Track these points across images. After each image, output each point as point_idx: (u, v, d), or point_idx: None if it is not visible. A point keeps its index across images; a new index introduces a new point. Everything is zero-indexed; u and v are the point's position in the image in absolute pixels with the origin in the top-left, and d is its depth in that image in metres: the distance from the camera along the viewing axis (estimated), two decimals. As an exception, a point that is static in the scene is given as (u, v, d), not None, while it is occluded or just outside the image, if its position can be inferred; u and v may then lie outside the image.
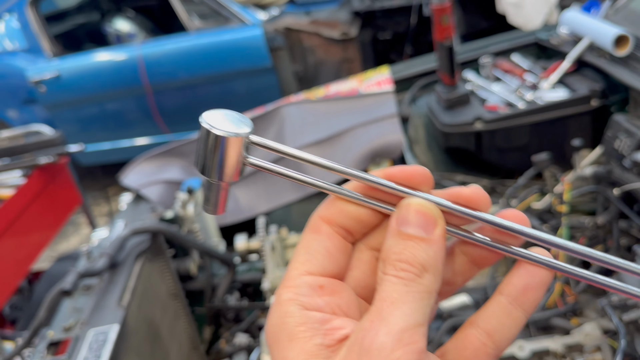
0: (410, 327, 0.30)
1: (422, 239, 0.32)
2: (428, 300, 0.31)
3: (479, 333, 0.35)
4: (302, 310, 0.33)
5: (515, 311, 0.35)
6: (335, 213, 0.36)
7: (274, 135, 1.95)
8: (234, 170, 0.34)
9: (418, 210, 0.33)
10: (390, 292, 0.31)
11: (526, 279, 0.34)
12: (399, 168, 0.35)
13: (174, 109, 3.64)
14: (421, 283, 0.31)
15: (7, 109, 3.87)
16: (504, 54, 1.96)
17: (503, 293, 0.35)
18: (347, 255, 0.36)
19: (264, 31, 3.37)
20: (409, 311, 0.31)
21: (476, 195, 0.34)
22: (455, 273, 0.37)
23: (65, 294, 1.38)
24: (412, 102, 1.96)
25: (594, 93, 1.61)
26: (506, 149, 1.66)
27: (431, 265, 0.32)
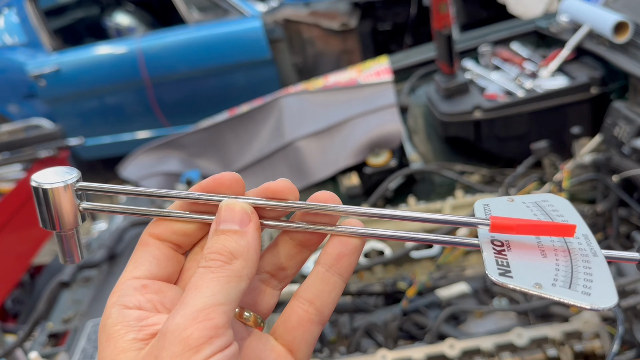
0: (207, 307, 0.32)
1: (235, 231, 0.36)
2: (236, 283, 0.34)
3: (301, 302, 0.39)
4: (122, 310, 0.35)
5: (332, 277, 0.39)
6: (163, 230, 0.39)
7: (272, 127, 1.95)
8: (71, 217, 0.37)
9: (230, 208, 0.37)
10: (195, 281, 0.34)
11: (339, 248, 0.39)
12: (211, 179, 0.38)
13: (173, 102, 3.63)
14: (229, 269, 0.34)
15: (7, 103, 3.87)
16: (503, 42, 1.95)
17: (320, 263, 0.39)
18: (177, 262, 0.39)
19: (263, 23, 3.36)
20: (209, 293, 0.33)
21: (283, 187, 0.38)
22: (287, 257, 0.41)
23: (64, 286, 1.38)
24: (411, 92, 1.95)
25: (594, 81, 1.60)
26: (505, 138, 1.65)
27: (242, 252, 0.35)
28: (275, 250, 0.41)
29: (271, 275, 0.41)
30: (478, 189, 1.57)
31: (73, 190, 0.37)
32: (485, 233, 0.37)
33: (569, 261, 0.35)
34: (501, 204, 0.41)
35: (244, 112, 2.00)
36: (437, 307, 1.27)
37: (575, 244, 0.37)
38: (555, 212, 0.40)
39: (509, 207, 0.41)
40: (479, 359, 1.06)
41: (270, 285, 0.41)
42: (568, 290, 0.33)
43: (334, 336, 1.22)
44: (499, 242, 0.37)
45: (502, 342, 1.07)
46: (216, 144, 2.00)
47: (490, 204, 0.41)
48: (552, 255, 0.36)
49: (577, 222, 0.38)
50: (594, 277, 0.34)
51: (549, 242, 0.37)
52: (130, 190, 0.39)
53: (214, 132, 2.00)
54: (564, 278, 0.34)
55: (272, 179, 1.52)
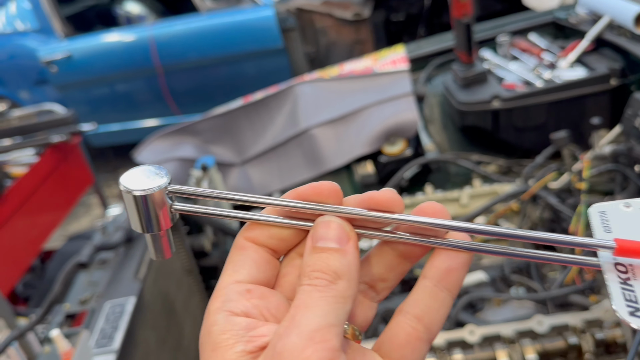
0: (322, 328, 0.31)
1: (336, 249, 0.34)
2: (343, 304, 0.33)
3: (409, 319, 0.36)
4: (229, 316, 0.34)
5: (441, 293, 0.36)
6: (258, 234, 0.37)
7: (287, 114, 1.94)
8: (164, 220, 0.37)
9: (327, 225, 0.35)
10: (304, 299, 0.33)
11: (447, 262, 0.36)
12: (309, 186, 0.36)
13: (184, 90, 3.63)
14: (334, 289, 0.33)
15: (18, 89, 3.88)
16: (521, 33, 1.94)
17: (427, 277, 0.37)
18: (274, 267, 0.38)
19: (276, 12, 3.34)
20: (321, 313, 0.32)
21: (388, 198, 0.36)
22: (387, 268, 0.38)
23: (81, 267, 1.38)
24: (428, 81, 1.94)
25: (613, 72, 1.59)
26: (523, 128, 1.64)
27: (345, 272, 0.34)
28: (375, 261, 0.39)
29: (369, 287, 0.39)
30: (495, 179, 1.57)
31: (165, 193, 0.36)
32: (607, 254, 0.35)
33: None
34: (618, 211, 0.38)
35: (259, 99, 1.99)
36: (454, 295, 1.26)
37: None
38: None
39: (628, 216, 0.38)
40: (499, 345, 1.05)
41: (368, 297, 0.39)
42: None
43: (352, 321, 1.22)
44: (623, 267, 0.34)
45: (523, 329, 1.07)
46: (231, 130, 2.00)
47: (607, 212, 0.38)
48: None
49: None
50: None
51: None
52: (222, 194, 0.38)
53: (228, 118, 2.00)
54: None
55: (286, 166, 1.55)
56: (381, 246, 0.39)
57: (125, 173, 0.36)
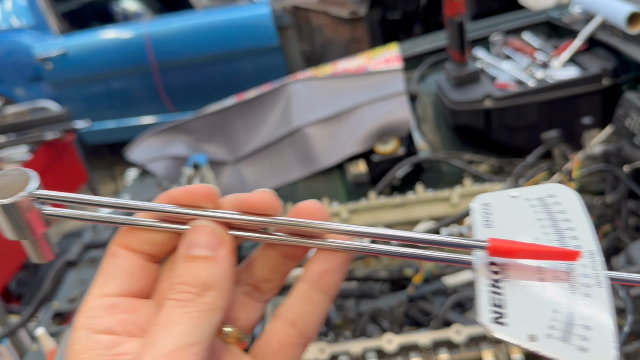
0: (178, 349, 0.30)
1: (207, 258, 0.33)
2: (210, 317, 0.32)
3: (283, 324, 0.36)
4: (90, 334, 0.32)
5: (317, 295, 0.36)
6: (132, 240, 0.35)
7: (280, 112, 1.94)
8: (35, 226, 0.35)
9: (199, 230, 0.34)
10: (165, 315, 0.31)
11: (323, 264, 0.36)
12: (182, 190, 0.35)
13: (180, 88, 3.62)
14: (202, 302, 0.32)
15: (14, 86, 3.87)
16: (514, 32, 1.93)
17: (303, 280, 0.36)
18: (150, 274, 0.36)
19: (272, 9, 3.34)
20: (180, 332, 0.30)
21: (263, 201, 0.35)
22: (270, 269, 0.38)
23: (70, 265, 1.38)
24: (421, 80, 1.94)
25: (606, 72, 1.59)
26: (515, 128, 1.64)
27: (215, 282, 0.32)
28: (257, 262, 0.38)
29: (254, 288, 0.38)
30: (486, 178, 1.57)
31: (33, 200, 0.35)
32: (481, 254, 0.34)
33: (568, 298, 0.31)
34: (503, 202, 0.37)
35: (252, 98, 1.99)
36: (443, 295, 1.26)
37: (578, 268, 0.33)
38: (562, 214, 0.36)
39: (512, 207, 0.37)
40: (485, 344, 1.05)
41: (253, 298, 0.38)
42: (563, 343, 0.29)
43: (340, 320, 1.22)
44: (497, 268, 0.33)
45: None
46: (223, 128, 1.99)
47: (491, 204, 0.37)
48: (552, 288, 0.32)
49: (584, 230, 0.35)
50: (593, 321, 0.30)
51: (550, 266, 0.33)
52: (92, 200, 0.36)
53: (221, 116, 1.99)
54: (561, 325, 0.30)
55: (279, 165, 1.54)
56: (263, 247, 0.38)
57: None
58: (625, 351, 0.99)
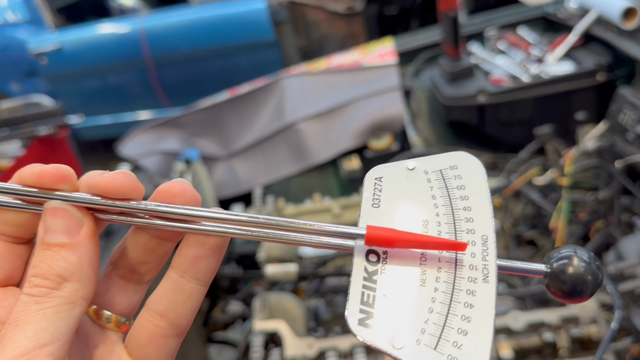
0: (28, 351, 0.28)
1: (63, 245, 0.30)
2: (68, 312, 0.29)
3: (151, 316, 0.33)
4: None
5: (188, 283, 0.33)
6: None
7: (274, 108, 1.93)
8: None
9: (54, 212, 0.31)
10: (17, 314, 0.29)
11: (195, 249, 0.33)
12: (31, 168, 0.32)
13: (175, 83, 3.61)
14: (58, 295, 0.29)
15: (8, 81, 3.86)
16: (510, 27, 1.92)
17: (173, 267, 0.33)
18: (18, 256, 0.33)
19: (268, 4, 3.32)
20: (31, 332, 0.28)
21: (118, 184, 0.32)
22: (145, 251, 0.35)
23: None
24: (415, 75, 1.93)
25: (600, 67, 1.58)
26: (509, 123, 1.63)
27: (73, 272, 0.30)
28: (130, 246, 0.35)
29: (131, 271, 0.35)
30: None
31: None
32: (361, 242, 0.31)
33: (449, 296, 0.29)
34: (397, 176, 0.34)
35: (245, 93, 1.98)
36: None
37: (466, 258, 0.30)
38: (461, 190, 0.33)
39: (406, 182, 0.33)
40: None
41: (132, 281, 0.35)
42: (433, 352, 0.27)
43: (329, 316, 1.21)
44: (375, 256, 0.30)
45: (499, 326, 1.06)
46: (216, 123, 1.98)
47: (384, 177, 0.34)
48: (431, 282, 0.29)
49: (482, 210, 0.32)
50: (471, 326, 0.28)
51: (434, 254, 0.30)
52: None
53: (214, 111, 1.98)
54: (434, 330, 0.28)
55: (272, 160, 1.52)
56: (134, 231, 0.35)
57: None
58: (615, 348, 0.99)
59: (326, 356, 1.04)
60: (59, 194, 0.32)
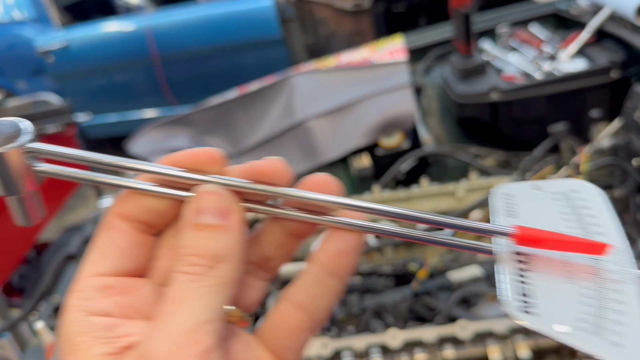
0: (192, 328, 0.28)
1: (217, 226, 0.30)
2: (222, 292, 0.30)
3: (291, 307, 0.34)
4: (85, 316, 0.30)
5: (329, 279, 0.33)
6: (130, 208, 0.33)
7: (283, 105, 1.92)
8: (23, 181, 0.32)
9: (210, 196, 0.31)
10: (176, 291, 0.29)
11: (337, 244, 0.33)
12: (186, 152, 0.33)
13: (182, 81, 3.61)
14: (214, 275, 0.30)
15: (15, 79, 3.86)
16: (521, 24, 1.90)
17: (315, 262, 0.34)
18: (147, 249, 0.34)
19: (275, 2, 3.31)
20: (194, 309, 0.29)
21: (273, 169, 0.32)
22: (275, 247, 0.35)
23: (70, 259, 1.37)
24: (426, 72, 1.91)
25: (614, 64, 1.56)
26: (522, 121, 1.62)
27: (227, 254, 0.30)
28: (262, 239, 0.35)
29: (257, 266, 0.36)
30: (492, 172, 1.54)
31: (23, 152, 0.32)
32: (506, 242, 0.32)
33: (598, 292, 0.30)
34: (525, 194, 0.36)
35: (255, 90, 1.97)
36: (448, 290, 1.24)
37: (607, 264, 0.31)
38: (586, 209, 0.34)
39: (534, 200, 0.35)
40: (491, 341, 1.03)
41: (256, 277, 0.36)
42: (595, 337, 0.28)
43: (343, 315, 1.20)
44: (522, 258, 0.31)
45: (516, 326, 1.04)
46: (226, 121, 1.97)
47: (513, 195, 0.35)
48: (580, 282, 0.30)
49: (611, 228, 0.33)
50: (625, 318, 0.28)
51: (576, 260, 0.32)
52: (87, 157, 0.33)
53: (223, 109, 1.98)
54: (592, 319, 0.29)
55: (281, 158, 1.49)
56: (269, 224, 0.35)
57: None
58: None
59: (342, 356, 1.03)
60: (214, 176, 0.32)
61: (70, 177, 0.34)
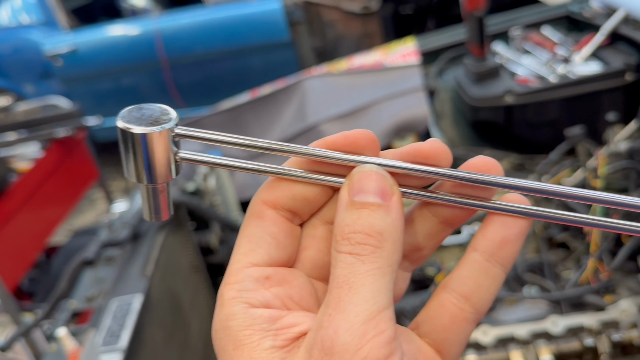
0: (373, 316, 0.27)
1: (379, 205, 0.29)
2: (390, 275, 0.28)
3: (455, 298, 0.32)
4: (248, 309, 0.29)
5: (493, 268, 0.31)
6: (279, 195, 0.32)
7: (295, 109, 1.92)
8: (165, 169, 0.31)
9: (370, 176, 0.30)
10: (346, 275, 0.28)
11: (502, 231, 0.31)
12: (341, 135, 0.31)
13: (190, 84, 3.61)
14: (381, 255, 0.28)
15: (23, 83, 3.87)
16: (534, 26, 1.90)
17: (478, 249, 0.32)
18: (296, 239, 0.33)
19: (283, 5, 3.31)
20: (370, 295, 0.27)
21: (434, 149, 0.30)
22: (426, 236, 0.33)
23: (87, 264, 1.37)
24: (439, 75, 1.91)
25: (629, 67, 1.56)
26: (537, 123, 1.62)
27: (391, 233, 0.29)
28: (412, 228, 0.33)
29: (404, 256, 0.34)
30: (507, 175, 1.54)
31: (170, 136, 0.30)
32: None
33: None
34: None
35: (266, 94, 1.97)
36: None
37: None
38: None
39: None
40: (513, 346, 1.03)
41: (402, 267, 0.34)
42: None
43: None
44: None
45: (537, 330, 1.04)
46: (238, 125, 1.97)
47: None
48: None
49: None
50: None
51: None
52: (234, 139, 0.32)
53: (235, 113, 1.97)
54: None
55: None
56: (420, 210, 0.33)
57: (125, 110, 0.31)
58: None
59: None
60: (373, 158, 0.31)
61: (214, 164, 0.33)
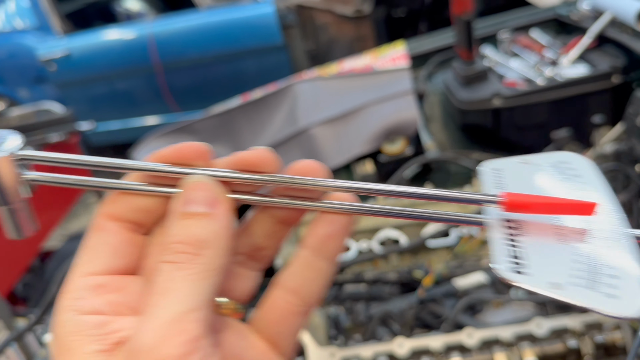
0: (177, 317, 0.28)
1: (203, 214, 0.31)
2: (208, 279, 0.29)
3: (284, 293, 0.34)
4: (76, 316, 0.30)
5: (319, 262, 0.34)
6: (120, 208, 0.33)
7: (286, 113, 1.93)
8: (14, 191, 0.32)
9: (195, 186, 0.31)
10: (161, 281, 0.29)
11: (327, 228, 0.34)
12: (171, 147, 0.33)
13: (184, 88, 3.62)
14: (198, 262, 0.29)
15: (17, 87, 3.87)
16: (522, 29, 1.91)
17: (305, 246, 0.34)
18: (137, 246, 0.34)
19: (276, 8, 3.33)
20: (179, 298, 0.28)
21: (258, 157, 0.33)
22: (265, 236, 0.36)
23: (77, 269, 1.37)
24: (428, 79, 1.92)
25: (615, 69, 1.57)
26: (525, 127, 1.63)
27: (212, 240, 0.30)
28: (251, 229, 0.36)
29: (248, 257, 0.36)
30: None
31: (13, 160, 0.32)
32: (495, 211, 0.32)
33: (589, 250, 0.30)
34: (514, 167, 0.36)
35: (258, 98, 1.98)
36: (453, 297, 1.25)
37: (597, 224, 0.32)
38: (577, 177, 0.35)
39: (523, 171, 0.36)
40: (497, 348, 1.04)
41: (247, 267, 0.36)
42: (589, 291, 0.28)
43: (350, 324, 1.20)
44: (513, 224, 0.32)
45: (522, 332, 1.05)
46: (229, 130, 1.98)
47: (502, 169, 0.36)
48: (571, 242, 0.31)
49: (601, 191, 0.33)
50: (619, 271, 0.29)
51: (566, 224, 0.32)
52: (78, 160, 0.34)
53: (226, 117, 1.98)
54: (585, 274, 0.29)
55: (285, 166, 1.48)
56: (258, 213, 0.36)
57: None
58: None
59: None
60: (201, 169, 0.33)
61: (60, 183, 0.34)
